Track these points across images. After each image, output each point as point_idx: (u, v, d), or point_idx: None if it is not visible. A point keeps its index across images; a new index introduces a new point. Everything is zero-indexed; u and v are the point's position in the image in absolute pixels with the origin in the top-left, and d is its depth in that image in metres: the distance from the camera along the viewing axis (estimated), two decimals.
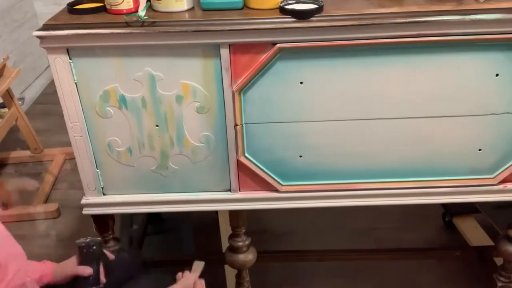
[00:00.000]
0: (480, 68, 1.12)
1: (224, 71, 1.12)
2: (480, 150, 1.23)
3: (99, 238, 1.15)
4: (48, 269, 1.10)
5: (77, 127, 1.19)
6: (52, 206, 2.17)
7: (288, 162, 1.24)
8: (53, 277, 1.09)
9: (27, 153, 2.63)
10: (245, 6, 1.12)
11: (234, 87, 1.13)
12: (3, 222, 1.03)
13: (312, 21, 1.06)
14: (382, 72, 1.12)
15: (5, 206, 0.98)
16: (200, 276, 1.13)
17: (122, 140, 1.21)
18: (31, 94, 3.32)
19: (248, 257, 1.45)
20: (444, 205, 2.04)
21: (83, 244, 1.11)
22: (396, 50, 1.10)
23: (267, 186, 1.28)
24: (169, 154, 1.23)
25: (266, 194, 1.29)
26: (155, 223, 1.99)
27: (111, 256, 1.17)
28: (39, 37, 1.07)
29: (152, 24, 1.07)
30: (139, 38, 1.07)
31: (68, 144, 1.22)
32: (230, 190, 1.29)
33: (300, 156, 1.24)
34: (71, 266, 1.10)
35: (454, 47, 1.10)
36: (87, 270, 1.09)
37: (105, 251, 1.16)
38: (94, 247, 1.11)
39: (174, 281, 1.13)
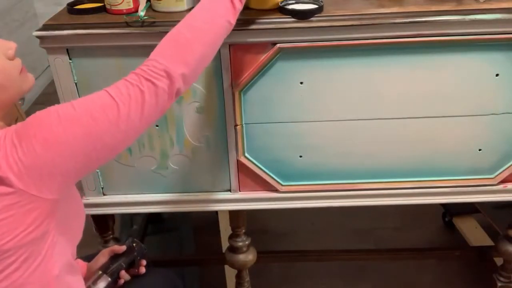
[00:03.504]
0: (480, 68, 1.12)
1: (224, 71, 1.12)
2: (480, 150, 1.23)
3: (144, 246, 1.15)
4: (81, 268, 1.10)
5: None
6: None
7: (288, 162, 1.24)
8: (85, 276, 1.09)
9: None
10: (245, 6, 1.12)
11: (234, 87, 1.13)
12: None
13: (312, 21, 1.06)
14: (382, 72, 1.12)
15: None
16: None
17: None
18: (31, 94, 3.32)
19: (248, 257, 1.45)
20: (444, 205, 2.04)
21: (126, 242, 1.13)
22: (396, 50, 1.10)
23: (267, 186, 1.28)
24: (169, 154, 1.23)
25: (266, 194, 1.29)
26: (155, 223, 1.99)
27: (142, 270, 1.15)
28: (39, 37, 1.07)
29: (152, 24, 1.07)
30: (139, 38, 1.07)
31: None
32: (230, 190, 1.29)
33: (300, 156, 1.24)
34: (105, 253, 1.11)
35: (454, 47, 1.10)
36: (122, 248, 1.10)
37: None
38: (134, 245, 1.12)
39: (180, 279, 1.14)
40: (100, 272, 1.07)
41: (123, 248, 1.11)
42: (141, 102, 0.79)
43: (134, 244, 1.12)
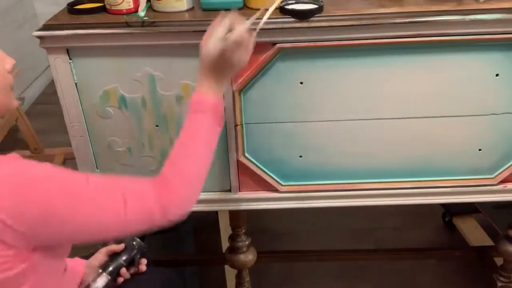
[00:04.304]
0: (480, 68, 1.12)
1: None
2: (480, 150, 1.23)
3: (144, 244, 1.16)
4: (80, 266, 1.10)
5: (77, 128, 1.19)
6: None
7: (288, 162, 1.24)
8: (84, 274, 1.09)
9: (27, 153, 2.62)
10: (245, 6, 1.12)
11: (234, 87, 1.13)
12: None
13: (312, 21, 1.06)
14: (382, 72, 1.12)
15: None
16: None
17: (122, 140, 1.21)
18: (31, 94, 3.32)
19: (248, 257, 1.45)
20: (444, 205, 2.04)
21: (126, 240, 1.13)
22: (396, 50, 1.10)
23: (267, 186, 1.28)
24: None
25: (266, 194, 1.29)
26: None
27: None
28: (39, 37, 1.07)
29: (152, 24, 1.07)
30: (139, 38, 1.07)
31: (68, 144, 1.22)
32: (230, 190, 1.29)
33: (300, 156, 1.24)
34: (103, 252, 1.11)
35: (454, 47, 1.10)
36: (120, 246, 1.10)
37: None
38: (134, 243, 1.12)
39: (180, 279, 1.15)
40: (100, 270, 1.07)
41: (121, 247, 1.11)
42: (146, 222, 0.82)
43: (134, 243, 1.12)
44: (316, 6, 1.07)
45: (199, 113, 0.89)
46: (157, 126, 1.19)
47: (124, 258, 1.09)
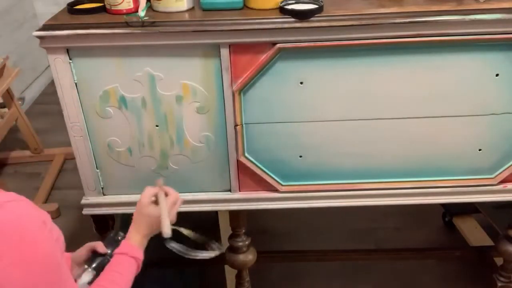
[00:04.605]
0: (480, 68, 1.12)
1: (224, 71, 1.12)
2: (480, 150, 1.23)
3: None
4: (66, 260, 1.09)
5: (77, 127, 1.19)
6: (52, 206, 2.17)
7: (288, 162, 1.24)
8: (71, 267, 1.08)
9: (27, 153, 2.63)
10: (245, 6, 1.12)
11: (234, 87, 1.13)
12: None
13: (312, 21, 1.06)
14: (382, 72, 1.12)
15: None
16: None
17: (122, 140, 1.21)
18: (31, 94, 3.32)
19: (248, 257, 1.45)
20: (444, 205, 2.04)
21: (111, 234, 1.12)
22: (396, 50, 1.10)
23: (267, 186, 1.28)
24: (169, 154, 1.23)
25: (266, 194, 1.29)
26: None
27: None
28: (39, 37, 1.07)
29: (152, 24, 1.07)
30: (139, 38, 1.07)
31: (68, 144, 1.22)
32: (230, 190, 1.29)
33: (300, 156, 1.24)
34: (87, 246, 1.11)
35: (454, 47, 1.10)
36: (103, 249, 1.09)
37: None
38: (120, 238, 1.11)
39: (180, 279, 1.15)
40: (86, 266, 1.06)
41: (104, 250, 1.09)
42: None
43: (119, 238, 1.11)
44: (316, 6, 1.07)
45: (126, 256, 1.03)
46: (157, 126, 1.19)
47: (109, 253, 1.09)
